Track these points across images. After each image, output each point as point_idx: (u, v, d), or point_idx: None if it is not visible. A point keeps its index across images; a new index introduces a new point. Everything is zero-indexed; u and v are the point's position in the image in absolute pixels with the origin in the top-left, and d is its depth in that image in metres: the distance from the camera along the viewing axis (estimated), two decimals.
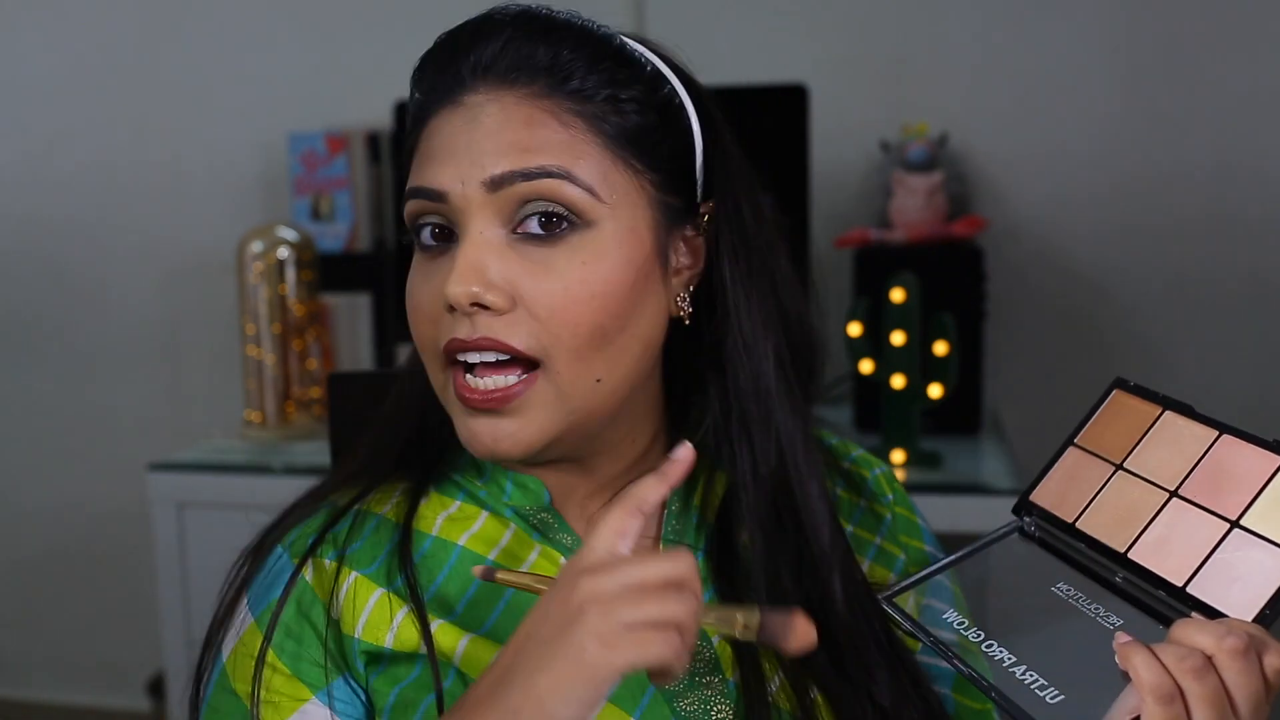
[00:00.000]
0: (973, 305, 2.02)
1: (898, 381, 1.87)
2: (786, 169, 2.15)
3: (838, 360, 2.14)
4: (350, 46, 2.56)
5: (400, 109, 2.25)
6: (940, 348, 1.85)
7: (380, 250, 2.44)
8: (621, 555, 0.67)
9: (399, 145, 2.40)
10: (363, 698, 0.79)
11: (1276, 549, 0.71)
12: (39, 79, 2.74)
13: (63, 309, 2.79)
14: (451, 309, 0.75)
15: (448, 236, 0.77)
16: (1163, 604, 0.74)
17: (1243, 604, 0.71)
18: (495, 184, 0.74)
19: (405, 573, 0.79)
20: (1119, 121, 2.27)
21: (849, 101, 2.33)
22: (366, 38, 2.55)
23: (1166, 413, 0.81)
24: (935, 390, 1.86)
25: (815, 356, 0.85)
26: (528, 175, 0.73)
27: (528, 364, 0.75)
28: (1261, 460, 0.75)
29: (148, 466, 2.10)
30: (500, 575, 0.71)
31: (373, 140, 2.43)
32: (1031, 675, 0.74)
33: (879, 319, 1.87)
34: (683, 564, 0.66)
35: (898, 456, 1.89)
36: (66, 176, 2.75)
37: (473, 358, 0.75)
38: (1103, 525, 0.80)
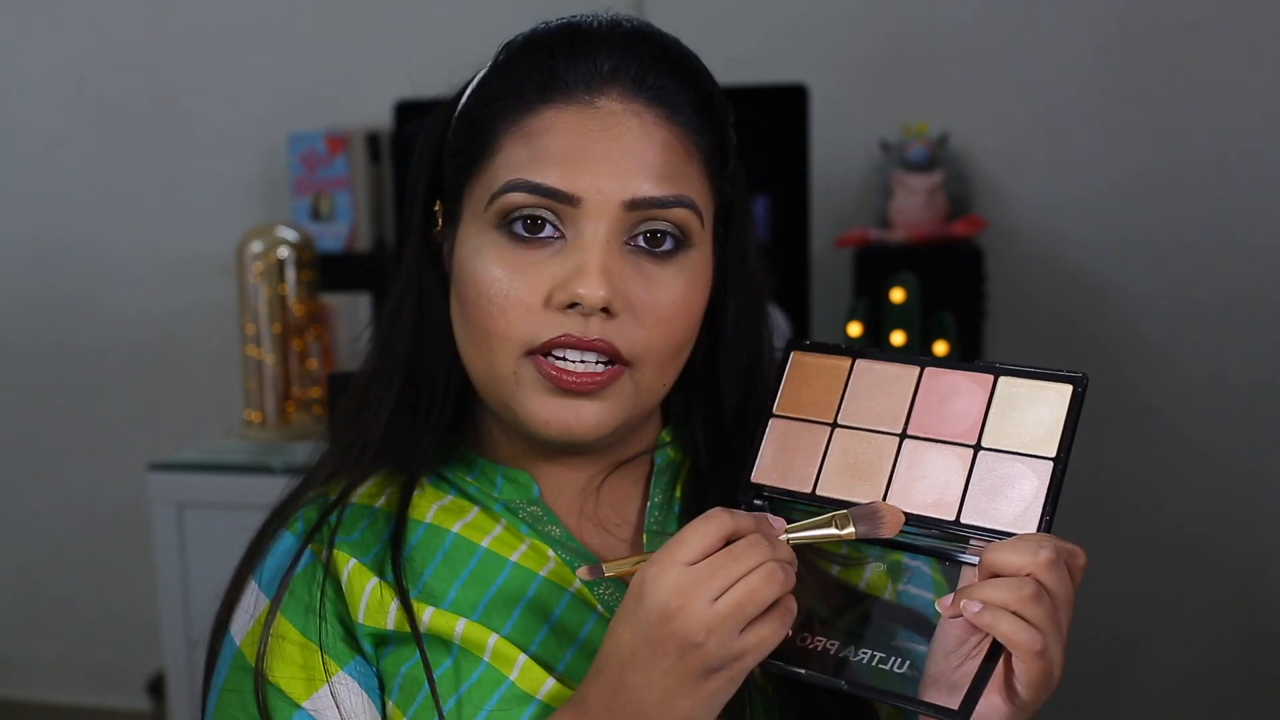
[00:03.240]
0: (973, 305, 2.02)
1: None
2: (786, 169, 2.15)
3: None
4: (350, 46, 2.56)
5: (400, 109, 2.24)
6: (940, 348, 1.85)
7: (380, 250, 2.43)
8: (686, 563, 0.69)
9: (399, 145, 2.40)
10: (375, 677, 0.82)
11: (1026, 458, 0.73)
12: (39, 79, 2.75)
13: (63, 308, 2.79)
14: (570, 306, 0.76)
15: (544, 229, 0.78)
16: (940, 542, 0.75)
17: (1016, 517, 0.72)
18: (634, 205, 0.77)
19: (395, 569, 0.81)
20: (1118, 121, 2.27)
21: (849, 101, 2.33)
22: (366, 38, 2.55)
23: (857, 361, 0.81)
24: None
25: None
26: (664, 204, 0.77)
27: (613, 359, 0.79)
28: (974, 383, 0.77)
29: (147, 466, 2.10)
30: (607, 570, 0.72)
31: (373, 140, 2.43)
32: (863, 653, 0.73)
33: (879, 319, 1.88)
34: (712, 527, 0.69)
35: None
36: (66, 176, 2.75)
37: (573, 355, 0.77)
38: (843, 484, 0.78)
